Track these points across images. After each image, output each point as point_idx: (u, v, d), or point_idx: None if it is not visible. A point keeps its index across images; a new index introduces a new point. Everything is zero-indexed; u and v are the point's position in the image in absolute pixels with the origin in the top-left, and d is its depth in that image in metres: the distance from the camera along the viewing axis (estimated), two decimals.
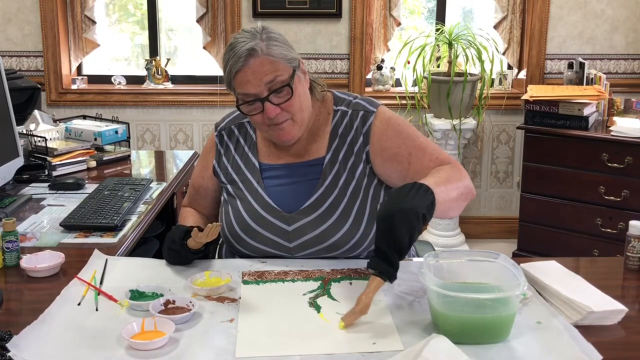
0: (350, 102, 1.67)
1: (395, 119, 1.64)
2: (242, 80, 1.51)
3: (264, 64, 1.50)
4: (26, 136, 2.52)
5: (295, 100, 1.54)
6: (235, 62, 1.50)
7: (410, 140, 1.60)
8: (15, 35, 3.89)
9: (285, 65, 1.53)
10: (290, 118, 1.55)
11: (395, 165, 1.59)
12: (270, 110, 1.52)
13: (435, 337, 1.17)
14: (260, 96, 1.52)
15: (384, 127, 1.62)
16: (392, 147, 1.60)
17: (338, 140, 1.64)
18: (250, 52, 1.49)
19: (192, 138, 4.02)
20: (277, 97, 1.52)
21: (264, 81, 1.50)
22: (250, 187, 1.65)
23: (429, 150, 1.58)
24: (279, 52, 1.52)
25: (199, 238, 1.49)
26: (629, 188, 3.22)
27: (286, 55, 1.53)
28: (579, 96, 3.37)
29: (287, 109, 1.54)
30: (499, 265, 1.33)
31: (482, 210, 4.14)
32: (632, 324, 1.31)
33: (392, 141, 1.60)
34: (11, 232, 1.56)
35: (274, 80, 1.51)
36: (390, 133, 1.61)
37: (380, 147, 1.61)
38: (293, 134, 1.58)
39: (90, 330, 1.27)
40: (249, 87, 1.51)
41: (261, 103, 1.52)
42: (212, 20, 3.89)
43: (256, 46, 1.50)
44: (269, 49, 1.51)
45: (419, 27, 4.17)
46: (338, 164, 1.62)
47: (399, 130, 1.61)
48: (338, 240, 1.58)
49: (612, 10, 3.85)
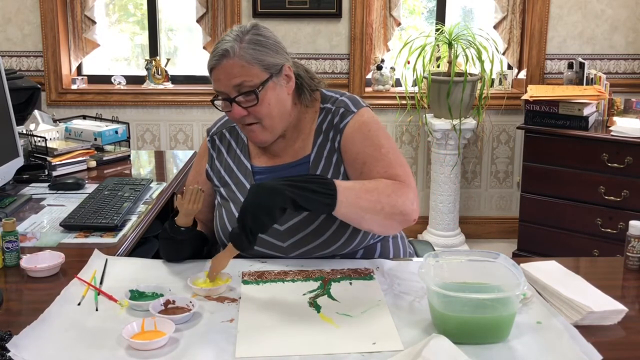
0: (336, 99, 1.67)
1: (368, 124, 1.61)
2: (215, 77, 1.55)
3: (234, 67, 1.51)
4: (26, 136, 2.52)
5: (263, 107, 1.54)
6: (211, 59, 1.55)
7: (371, 149, 1.57)
8: (15, 35, 3.89)
9: (260, 70, 1.52)
10: (259, 122, 1.56)
11: (351, 170, 1.60)
12: (236, 111, 1.54)
13: (435, 337, 1.17)
14: (229, 96, 1.54)
15: (354, 130, 1.60)
16: (353, 151, 1.59)
17: (322, 137, 1.64)
18: (224, 53, 1.52)
19: (192, 138, 4.02)
20: (244, 100, 1.54)
21: (231, 83, 1.52)
22: (243, 189, 1.66)
23: (383, 162, 1.55)
24: (254, 55, 1.52)
25: (182, 206, 1.53)
26: (629, 188, 3.22)
27: (263, 61, 1.52)
28: (579, 96, 3.37)
29: (254, 113, 1.55)
30: (499, 265, 1.34)
31: (482, 210, 4.14)
32: (632, 324, 1.31)
33: (355, 146, 1.59)
34: (11, 232, 1.56)
35: (241, 84, 1.52)
36: (357, 138, 1.60)
37: (344, 149, 1.61)
38: (262, 137, 1.59)
39: (90, 330, 1.27)
40: (220, 86, 1.55)
41: (229, 102, 1.55)
42: (212, 20, 3.89)
43: (230, 48, 1.51)
44: (245, 51, 1.51)
45: (419, 27, 4.17)
46: (323, 160, 1.63)
47: (366, 136, 1.59)
48: (330, 236, 1.58)
49: (612, 10, 3.84)
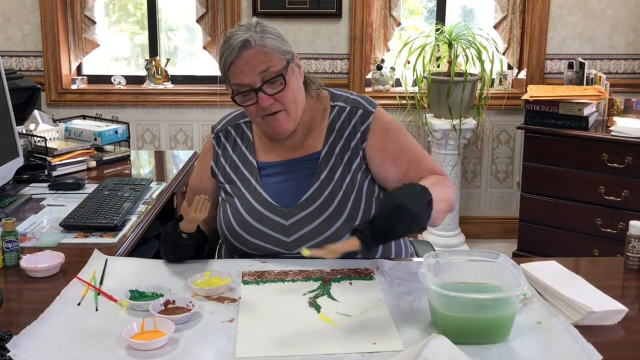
0: (347, 98, 1.70)
1: (393, 122, 1.69)
2: (236, 71, 1.54)
3: (258, 55, 1.53)
4: (26, 136, 2.51)
5: (289, 92, 1.56)
6: (230, 54, 1.54)
7: (409, 148, 1.67)
8: (15, 35, 3.89)
9: (279, 57, 1.55)
10: (284, 109, 1.57)
11: (394, 167, 1.64)
12: (263, 100, 1.54)
13: (435, 337, 1.17)
14: (253, 86, 1.54)
15: (383, 129, 1.66)
16: (393, 150, 1.64)
17: (335, 135, 1.66)
18: (244, 44, 1.53)
19: (192, 138, 4.02)
20: (270, 88, 1.54)
21: (257, 71, 1.53)
22: (248, 185, 1.66)
23: (424, 160, 1.67)
24: (272, 43, 1.55)
25: (188, 214, 1.52)
26: (629, 188, 3.22)
27: (280, 48, 1.56)
28: (579, 96, 3.37)
29: (281, 99, 1.56)
30: (499, 265, 1.33)
31: (482, 210, 4.13)
32: (632, 324, 1.31)
33: (392, 145, 1.65)
34: (11, 232, 1.56)
35: (267, 70, 1.53)
36: (390, 136, 1.66)
37: (381, 148, 1.64)
38: (287, 125, 1.60)
39: (90, 330, 1.27)
40: (243, 78, 1.54)
41: (255, 93, 1.54)
42: (212, 20, 3.89)
43: (250, 38, 1.53)
44: (263, 41, 1.54)
45: (419, 27, 4.17)
46: (334, 158, 1.64)
47: (398, 136, 1.67)
48: (334, 233, 1.58)
49: (612, 10, 3.84)
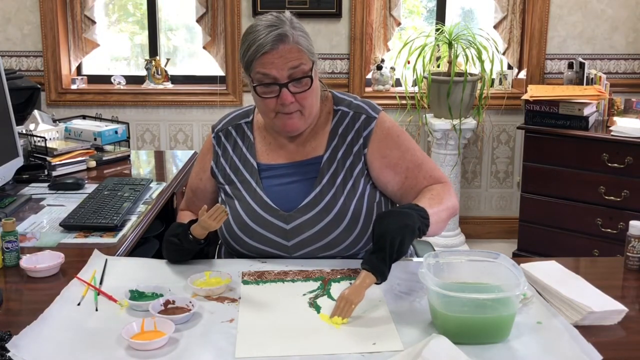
0: (350, 102, 1.69)
1: (396, 129, 1.69)
2: (267, 61, 1.52)
3: (292, 51, 1.53)
4: (26, 136, 2.51)
5: (310, 94, 1.57)
6: (263, 45, 1.51)
7: (409, 155, 1.65)
8: (15, 35, 3.89)
9: (309, 57, 1.56)
10: (300, 110, 1.57)
11: (393, 174, 1.64)
12: (285, 97, 1.54)
13: (435, 337, 1.17)
14: (280, 81, 1.53)
15: (384, 135, 1.65)
16: (392, 157, 1.64)
17: (337, 140, 1.65)
18: (281, 37, 1.52)
19: (191, 138, 4.02)
20: (295, 86, 1.54)
21: (288, 66, 1.52)
22: (248, 187, 1.65)
23: (424, 167, 1.66)
24: (305, 42, 1.56)
25: (204, 221, 1.49)
26: (629, 188, 3.22)
27: (310, 49, 1.58)
28: (579, 96, 3.37)
29: (301, 100, 1.56)
30: (499, 265, 1.33)
31: (482, 210, 4.13)
32: (632, 324, 1.31)
33: (392, 151, 1.64)
34: (11, 232, 1.56)
35: (298, 67, 1.53)
36: (390, 143, 1.65)
37: (380, 154, 1.64)
38: (298, 125, 1.60)
39: (90, 330, 1.27)
40: (272, 69, 1.52)
41: (279, 87, 1.53)
42: (212, 20, 3.89)
43: (288, 32, 1.53)
44: (298, 38, 1.54)
45: (419, 27, 4.17)
46: (336, 163, 1.63)
47: (399, 142, 1.66)
48: (335, 238, 1.58)
49: (612, 10, 3.84)
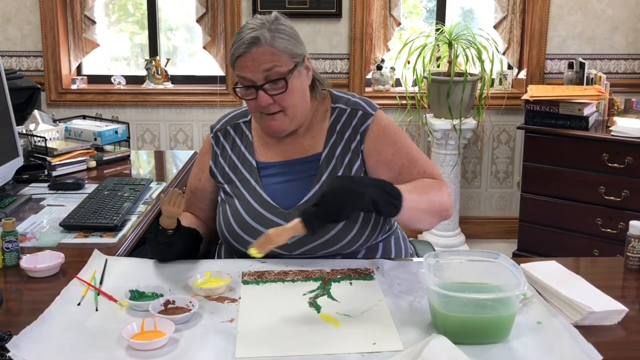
0: (348, 100, 1.70)
1: (392, 126, 1.68)
2: (242, 65, 1.54)
3: (265, 54, 1.53)
4: (26, 136, 2.51)
5: (289, 95, 1.56)
6: (238, 48, 1.54)
7: (404, 151, 1.65)
8: (15, 35, 3.89)
9: (287, 59, 1.55)
10: (282, 111, 1.58)
11: (387, 171, 1.64)
12: (262, 99, 1.55)
13: (435, 337, 1.17)
14: (256, 83, 1.54)
15: (380, 132, 1.65)
16: (387, 153, 1.64)
17: (335, 137, 1.66)
18: (253, 41, 1.52)
19: (192, 138, 4.02)
20: (271, 88, 1.55)
21: (261, 69, 1.53)
22: (248, 185, 1.66)
23: (419, 163, 1.65)
24: (283, 45, 1.55)
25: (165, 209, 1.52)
26: (629, 188, 3.22)
27: (290, 50, 1.56)
28: (579, 96, 3.37)
29: (280, 101, 1.56)
30: (499, 265, 1.33)
31: (482, 210, 4.13)
32: (632, 324, 1.31)
33: (387, 148, 1.64)
34: (11, 232, 1.56)
35: (271, 69, 1.53)
36: (386, 140, 1.65)
37: (375, 151, 1.64)
38: (283, 126, 1.60)
39: (90, 330, 1.27)
40: (247, 72, 1.54)
41: (255, 90, 1.54)
42: (212, 20, 3.89)
43: (261, 35, 1.53)
44: (274, 40, 1.54)
45: (419, 27, 4.17)
46: (335, 160, 1.64)
47: (394, 139, 1.66)
48: (335, 235, 1.58)
49: (612, 10, 3.84)
